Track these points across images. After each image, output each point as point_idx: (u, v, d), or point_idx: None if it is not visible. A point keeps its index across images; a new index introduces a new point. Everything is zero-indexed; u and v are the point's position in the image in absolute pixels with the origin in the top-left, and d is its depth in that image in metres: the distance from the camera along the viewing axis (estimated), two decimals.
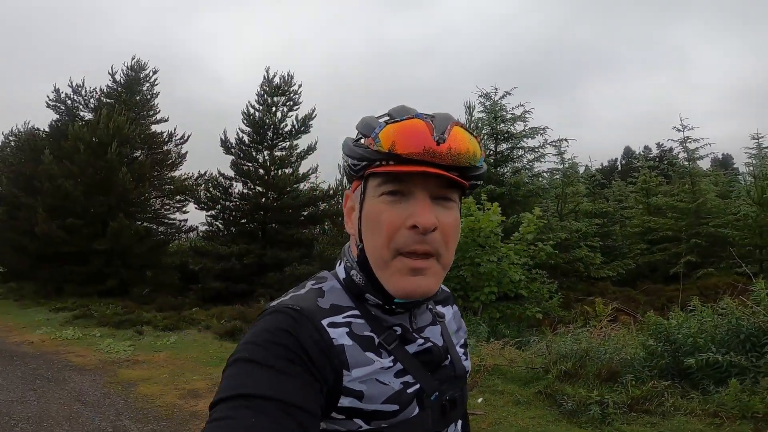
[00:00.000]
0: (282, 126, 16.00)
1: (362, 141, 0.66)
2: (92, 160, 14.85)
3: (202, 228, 18.61)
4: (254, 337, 0.60)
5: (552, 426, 3.57)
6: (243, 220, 17.16)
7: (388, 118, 0.66)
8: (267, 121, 15.69)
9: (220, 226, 17.38)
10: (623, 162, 36.37)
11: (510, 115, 13.20)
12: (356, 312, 0.67)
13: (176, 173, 18.79)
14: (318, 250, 14.09)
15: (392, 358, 0.65)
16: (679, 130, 16.16)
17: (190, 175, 18.54)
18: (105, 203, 15.24)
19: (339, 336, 0.63)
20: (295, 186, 15.93)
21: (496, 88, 13.40)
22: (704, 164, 19.69)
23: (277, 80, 15.98)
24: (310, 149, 16.01)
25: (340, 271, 0.73)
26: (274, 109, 15.90)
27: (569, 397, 3.92)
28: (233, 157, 16.12)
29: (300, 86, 16.19)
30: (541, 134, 13.41)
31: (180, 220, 18.85)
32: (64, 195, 14.46)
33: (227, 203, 16.87)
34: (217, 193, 16.68)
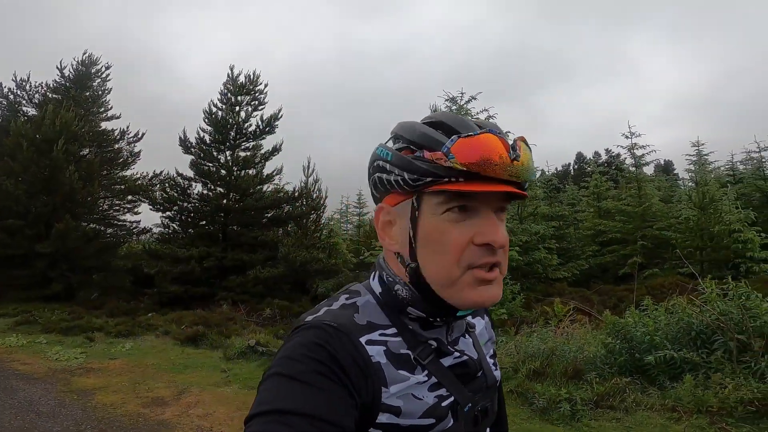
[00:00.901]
0: (246, 126, 15.58)
1: (422, 154, 0.61)
2: (36, 157, 13.86)
3: (156, 230, 17.81)
4: (290, 351, 0.60)
5: (526, 424, 3.71)
6: (202, 222, 16.57)
7: (441, 129, 0.63)
8: (230, 120, 15.23)
9: (176, 228, 16.70)
10: (576, 167, 38.32)
11: (474, 120, 13.55)
12: (393, 330, 0.66)
13: (128, 172, 17.93)
14: (283, 252, 13.83)
15: (426, 372, 0.66)
16: (627, 137, 17.25)
17: (144, 174, 17.72)
18: (49, 203, 14.27)
19: (377, 354, 0.63)
20: (259, 187, 15.57)
21: (462, 93, 13.74)
22: (648, 170, 21.15)
23: (242, 79, 15.55)
24: (275, 150, 15.70)
25: (375, 285, 0.71)
26: (237, 108, 15.47)
27: (540, 395, 4.09)
28: (193, 157, 15.53)
29: (266, 86, 15.86)
30: None
31: (131, 222, 17.97)
32: (4, 195, 13.40)
33: (185, 204, 16.22)
34: (175, 194, 15.99)
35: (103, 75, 18.04)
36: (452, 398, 0.66)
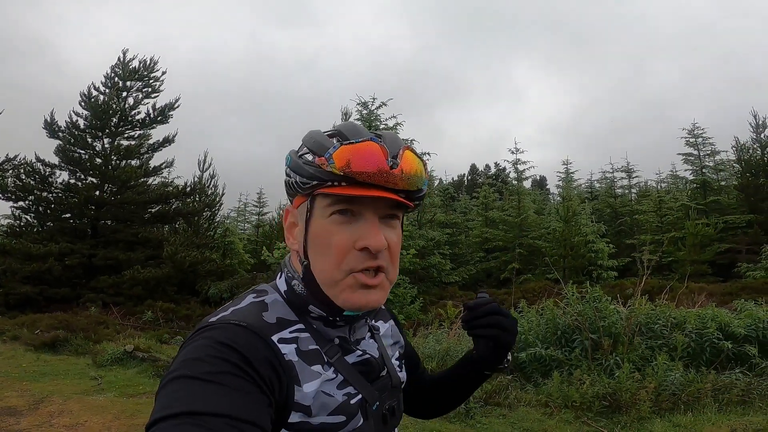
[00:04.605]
0: (133, 113, 13.93)
1: (311, 158, 0.64)
2: None
3: (4, 222, 15.12)
4: (194, 353, 0.56)
5: (426, 423, 3.91)
6: (66, 215, 14.43)
7: (338, 137, 0.65)
8: (114, 105, 13.48)
9: (31, 220, 14.35)
10: (469, 178, 41.60)
11: (384, 126, 13.96)
12: (301, 326, 0.66)
13: None
14: (169, 251, 12.62)
15: (333, 369, 0.66)
16: (513, 152, 19.30)
17: None
18: None
19: (289, 352, 0.62)
20: (143, 180, 14.04)
21: (373, 98, 14.02)
22: (527, 184, 23.93)
23: (135, 64, 13.87)
24: (167, 141, 14.28)
25: (281, 283, 0.71)
26: (125, 93, 13.80)
27: None
28: (60, 142, 13.41)
29: (164, 73, 14.36)
30: None
31: None
32: None
33: (45, 194, 13.96)
34: (31, 182, 13.70)
35: None
36: (360, 396, 0.67)
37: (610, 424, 3.73)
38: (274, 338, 0.62)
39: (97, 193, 13.84)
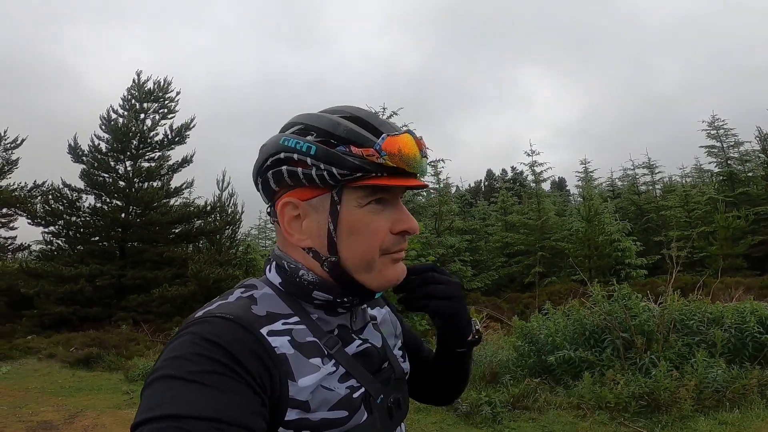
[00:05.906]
0: (152, 135, 14.34)
1: (347, 149, 0.61)
2: None
3: (36, 247, 15.73)
4: (178, 350, 0.54)
5: (452, 429, 3.84)
6: (95, 238, 14.89)
7: (363, 124, 0.63)
8: (133, 128, 13.90)
9: (62, 244, 14.87)
10: (486, 183, 41.24)
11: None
12: (295, 318, 0.63)
13: (3, 183, 15.57)
14: (194, 269, 12.86)
15: (334, 362, 0.63)
16: (528, 154, 19.07)
17: (23, 185, 15.47)
18: None
19: (281, 345, 0.59)
20: (165, 201, 14.39)
21: (383, 108, 14.12)
22: (546, 186, 23.54)
23: (150, 85, 14.28)
24: (186, 161, 14.63)
25: (273, 276, 0.68)
26: (143, 115, 14.21)
27: (463, 400, 4.26)
28: (84, 167, 13.89)
29: (178, 93, 14.73)
30: None
31: (6, 238, 15.55)
32: None
33: (73, 218, 14.46)
34: (60, 207, 14.22)
35: None
36: (363, 389, 0.64)
37: (649, 424, 3.56)
38: (263, 331, 0.59)
39: (123, 215, 14.25)
